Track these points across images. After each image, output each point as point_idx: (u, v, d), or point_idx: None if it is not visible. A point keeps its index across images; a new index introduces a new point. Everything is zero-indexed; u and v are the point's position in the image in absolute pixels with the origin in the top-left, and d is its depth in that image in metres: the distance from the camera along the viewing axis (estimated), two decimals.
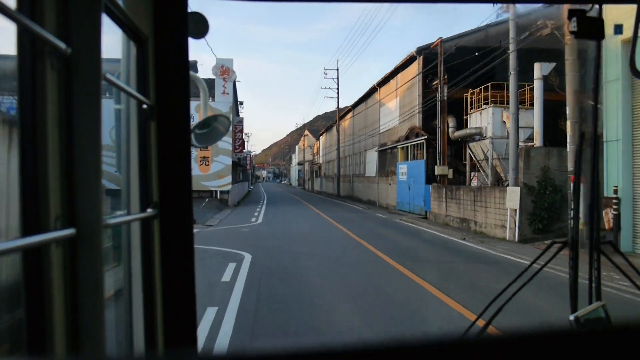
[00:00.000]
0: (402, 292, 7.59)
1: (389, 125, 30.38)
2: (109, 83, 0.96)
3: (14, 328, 1.10)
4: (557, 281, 6.74)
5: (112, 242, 1.22)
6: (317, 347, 0.54)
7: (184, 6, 1.22)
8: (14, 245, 0.70)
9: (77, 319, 0.82)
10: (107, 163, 1.27)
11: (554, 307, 6.30)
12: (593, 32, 1.66)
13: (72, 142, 0.82)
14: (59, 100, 0.80)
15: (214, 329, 5.54)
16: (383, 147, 31.22)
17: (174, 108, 1.23)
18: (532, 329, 0.59)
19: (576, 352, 0.60)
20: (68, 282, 0.81)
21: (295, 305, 6.77)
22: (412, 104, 25.45)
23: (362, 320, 6.11)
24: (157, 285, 1.21)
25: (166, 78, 1.22)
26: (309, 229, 18.01)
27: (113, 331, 1.22)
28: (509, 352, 0.60)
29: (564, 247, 1.77)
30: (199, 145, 1.93)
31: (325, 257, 11.36)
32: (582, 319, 1.56)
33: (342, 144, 46.12)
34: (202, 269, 8.75)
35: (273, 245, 13.07)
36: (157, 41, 1.20)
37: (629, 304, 6.44)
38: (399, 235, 15.94)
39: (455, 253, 12.11)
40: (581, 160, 1.80)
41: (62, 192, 0.81)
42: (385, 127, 31.18)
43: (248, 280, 8.17)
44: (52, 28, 0.79)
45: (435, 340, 0.57)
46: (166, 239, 1.23)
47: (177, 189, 1.24)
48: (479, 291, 7.46)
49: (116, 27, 1.07)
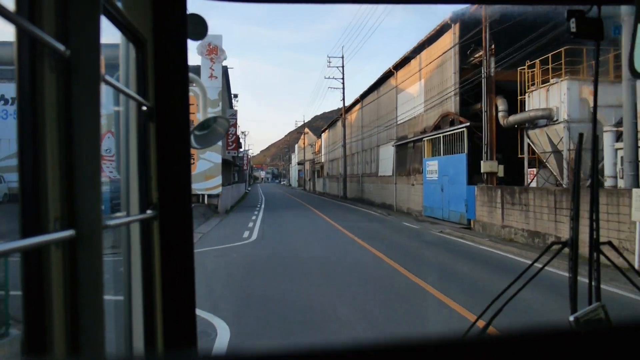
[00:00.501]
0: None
1: (409, 114, 24.94)
2: (108, 85, 0.96)
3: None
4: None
5: (112, 243, 1.23)
6: (317, 346, 0.54)
7: (183, 8, 1.22)
8: (13, 246, 0.70)
9: (76, 320, 0.82)
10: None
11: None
12: (592, 32, 1.66)
13: (72, 143, 0.82)
14: (58, 102, 0.81)
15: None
16: (402, 141, 25.86)
17: (173, 110, 1.23)
18: (532, 329, 0.59)
19: (576, 353, 0.60)
20: (68, 283, 0.81)
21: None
22: (444, 84, 20.38)
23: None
24: (157, 286, 1.21)
25: (165, 80, 1.22)
26: (324, 250, 12.19)
27: (113, 332, 1.22)
28: (509, 352, 0.60)
29: (563, 247, 1.77)
30: (199, 147, 1.93)
31: (376, 326, 5.66)
32: (582, 319, 1.56)
33: (348, 140, 40.59)
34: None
35: (272, 295, 7.22)
36: (157, 43, 1.20)
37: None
38: (468, 265, 9.97)
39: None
40: (580, 160, 1.80)
41: (61, 194, 0.81)
42: (405, 117, 25.71)
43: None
44: (51, 30, 0.79)
45: (435, 340, 0.57)
46: (166, 240, 1.23)
47: (177, 190, 1.24)
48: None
49: (115, 29, 1.07)
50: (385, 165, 30.05)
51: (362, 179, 36.63)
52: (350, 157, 41.17)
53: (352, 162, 40.57)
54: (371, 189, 33.52)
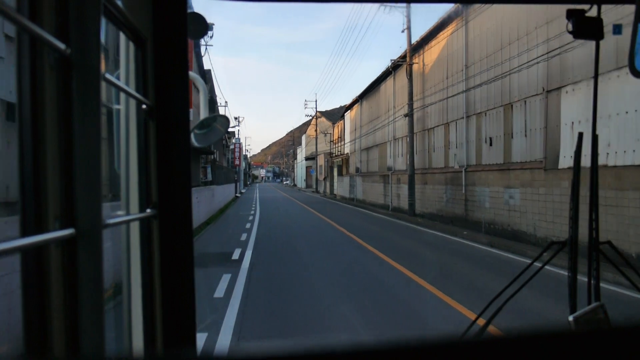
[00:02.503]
0: None
1: None
2: (109, 83, 0.96)
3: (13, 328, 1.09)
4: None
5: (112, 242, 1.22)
6: (316, 347, 0.54)
7: (183, 7, 1.22)
8: (13, 245, 0.70)
9: (76, 319, 0.82)
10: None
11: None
12: (592, 32, 1.66)
13: (72, 142, 0.82)
14: (58, 100, 0.81)
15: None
16: None
17: (173, 108, 1.23)
18: (531, 329, 0.59)
19: (575, 353, 0.60)
20: (67, 282, 0.81)
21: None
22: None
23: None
24: (157, 285, 1.22)
25: (166, 78, 1.22)
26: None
27: (112, 331, 1.22)
28: (508, 352, 0.60)
29: (563, 247, 1.77)
30: (199, 145, 1.93)
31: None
32: (581, 319, 1.56)
33: (400, 113, 22.95)
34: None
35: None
36: (157, 42, 1.20)
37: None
38: None
39: None
40: (580, 160, 1.81)
41: (61, 193, 0.81)
42: None
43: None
44: (51, 28, 0.79)
45: (434, 340, 0.57)
46: (166, 239, 1.23)
47: (177, 189, 1.24)
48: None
49: (115, 27, 1.07)
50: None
51: (468, 177, 16.51)
52: (396, 143, 24.23)
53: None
54: (483, 196, 15.25)
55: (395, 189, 24.46)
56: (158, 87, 1.21)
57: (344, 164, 41.11)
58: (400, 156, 24.04)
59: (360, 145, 34.21)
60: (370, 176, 30.54)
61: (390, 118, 25.70)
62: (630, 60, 1.55)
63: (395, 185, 24.54)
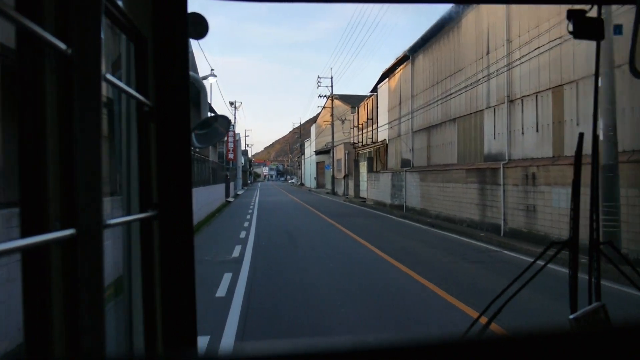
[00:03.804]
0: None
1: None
2: (109, 84, 0.96)
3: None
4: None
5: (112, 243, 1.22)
6: (319, 346, 0.54)
7: (183, 7, 1.22)
8: (13, 245, 0.70)
9: (76, 319, 0.82)
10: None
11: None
12: (592, 32, 1.66)
13: (72, 142, 0.82)
14: (58, 101, 0.80)
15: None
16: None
17: (174, 109, 1.23)
18: (532, 328, 0.59)
19: (576, 352, 0.60)
20: (68, 282, 0.81)
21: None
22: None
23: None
24: (157, 285, 1.21)
25: (166, 79, 1.22)
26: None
27: (113, 332, 1.22)
28: (509, 352, 0.60)
29: (563, 247, 1.77)
30: (200, 145, 1.93)
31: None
32: (581, 319, 1.56)
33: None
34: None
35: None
36: (157, 42, 1.20)
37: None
38: None
39: None
40: (581, 160, 1.80)
41: (62, 193, 0.81)
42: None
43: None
44: (51, 28, 0.79)
45: (436, 339, 0.57)
46: (166, 240, 1.23)
47: (177, 189, 1.24)
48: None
49: (116, 27, 1.07)
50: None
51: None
52: (511, 108, 13.61)
53: (514, 120, 13.51)
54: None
55: (515, 193, 12.86)
56: (158, 87, 1.21)
57: (377, 155, 28.65)
58: (529, 129, 12.73)
59: (412, 126, 21.97)
60: (438, 172, 18.49)
61: (492, 67, 14.68)
62: (630, 61, 1.55)
63: (514, 187, 12.90)
